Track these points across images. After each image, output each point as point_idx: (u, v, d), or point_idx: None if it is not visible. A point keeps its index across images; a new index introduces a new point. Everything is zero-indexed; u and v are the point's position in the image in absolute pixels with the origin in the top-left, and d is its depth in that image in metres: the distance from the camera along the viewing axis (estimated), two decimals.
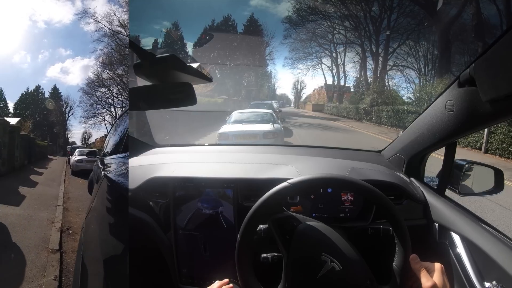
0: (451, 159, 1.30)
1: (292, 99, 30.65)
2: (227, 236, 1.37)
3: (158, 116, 12.29)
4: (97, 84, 28.74)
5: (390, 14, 21.30)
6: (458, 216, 1.18)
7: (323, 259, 0.93)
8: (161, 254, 1.44)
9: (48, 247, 4.49)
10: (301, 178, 1.01)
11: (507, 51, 0.79)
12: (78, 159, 14.47)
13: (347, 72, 25.58)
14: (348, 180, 1.03)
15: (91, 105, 29.58)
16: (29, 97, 32.04)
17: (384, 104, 19.15)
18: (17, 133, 13.36)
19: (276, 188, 1.00)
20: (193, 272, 1.45)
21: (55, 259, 4.10)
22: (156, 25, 28.36)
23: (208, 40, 23.34)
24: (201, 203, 1.42)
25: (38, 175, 12.50)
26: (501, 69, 0.81)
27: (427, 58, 20.80)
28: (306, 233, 0.99)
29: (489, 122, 1.00)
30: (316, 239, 0.98)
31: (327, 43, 24.97)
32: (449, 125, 1.12)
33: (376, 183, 1.09)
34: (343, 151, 1.97)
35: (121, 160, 1.97)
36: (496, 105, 0.90)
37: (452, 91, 1.07)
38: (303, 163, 1.57)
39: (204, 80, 0.89)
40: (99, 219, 1.67)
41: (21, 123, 20.14)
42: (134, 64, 0.80)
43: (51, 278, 3.56)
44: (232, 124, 9.75)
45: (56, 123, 31.94)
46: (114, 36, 26.04)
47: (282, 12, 25.96)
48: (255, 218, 0.99)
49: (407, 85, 21.69)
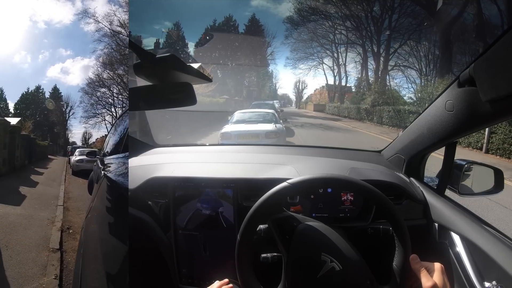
0: (451, 159, 1.30)
1: (293, 99, 30.68)
2: (227, 236, 1.37)
3: (160, 116, 12.32)
4: (98, 84, 28.77)
5: (391, 14, 21.30)
6: (458, 216, 1.18)
7: (323, 259, 0.93)
8: (161, 254, 1.44)
9: (48, 246, 4.51)
10: (300, 178, 1.01)
11: (507, 51, 0.78)
12: (78, 159, 14.49)
13: (349, 72, 25.64)
14: (348, 180, 1.03)
15: (91, 105, 29.62)
16: (30, 97, 32.08)
17: (385, 104, 19.16)
18: (17, 133, 13.35)
19: (275, 188, 1.00)
20: (193, 272, 1.45)
21: (55, 258, 4.12)
22: (157, 25, 28.45)
23: (210, 40, 23.37)
24: (201, 203, 1.42)
25: (39, 175, 12.51)
26: (501, 69, 0.81)
27: (428, 58, 20.81)
28: (305, 233, 0.99)
29: (489, 122, 1.00)
30: (316, 239, 0.97)
31: (328, 43, 25.04)
32: (449, 125, 1.12)
33: (376, 183, 1.09)
34: (343, 151, 1.97)
35: (121, 160, 1.97)
36: (496, 105, 0.89)
37: (452, 91, 1.07)
38: (303, 163, 1.56)
39: (204, 80, 0.88)
40: (99, 219, 1.67)
41: (22, 123, 20.15)
42: (134, 64, 0.80)
43: (52, 277, 3.57)
44: (235, 124, 9.79)
45: (56, 123, 31.94)
46: (114, 36, 26.09)
47: (283, 13, 25.98)
48: (255, 218, 0.99)
49: (408, 85, 21.74)
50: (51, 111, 31.33)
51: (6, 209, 6.23)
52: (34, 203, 7.15)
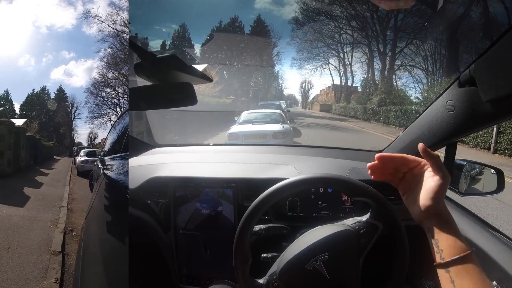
0: (451, 159, 1.30)
1: (299, 99, 30.60)
2: (227, 236, 1.37)
3: (167, 117, 12.36)
4: (103, 84, 28.87)
5: (397, 13, 21.15)
6: (458, 216, 1.18)
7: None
8: (161, 254, 1.45)
9: (50, 249, 4.50)
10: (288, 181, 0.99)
11: (507, 51, 0.78)
12: (83, 160, 14.68)
13: (355, 72, 25.49)
14: (335, 178, 1.01)
15: (96, 105, 29.72)
16: (35, 98, 32.33)
17: (392, 104, 19.03)
18: (22, 134, 13.39)
19: (262, 195, 0.99)
20: (193, 272, 1.45)
21: (57, 261, 4.10)
22: (163, 27, 28.50)
23: (216, 41, 23.42)
24: (201, 203, 1.42)
25: (43, 175, 12.59)
26: (502, 69, 0.81)
27: (435, 57, 20.63)
28: None
29: (490, 122, 1.00)
30: None
31: (334, 43, 24.95)
32: (449, 125, 1.12)
33: (376, 183, 1.09)
34: (344, 151, 1.96)
35: (121, 160, 1.97)
36: (496, 105, 0.89)
37: (452, 91, 1.06)
38: (304, 163, 1.56)
39: (204, 80, 0.89)
40: (99, 219, 1.68)
41: (27, 124, 20.31)
42: (135, 64, 0.80)
43: (52, 281, 3.55)
44: (242, 124, 9.79)
45: (62, 123, 32.08)
46: (118, 36, 26.24)
47: (288, 13, 25.95)
48: (247, 225, 1.00)
49: (414, 85, 21.56)
50: (57, 111, 31.49)
51: (10, 210, 6.24)
52: (38, 204, 7.15)
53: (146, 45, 21.83)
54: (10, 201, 6.82)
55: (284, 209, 1.35)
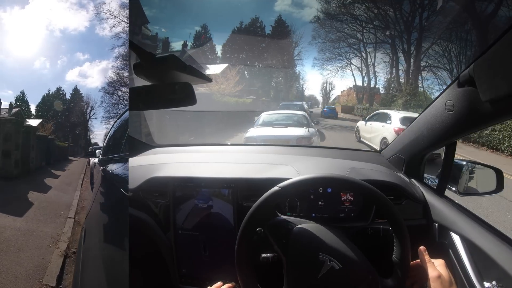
0: (451, 159, 1.30)
1: (320, 100, 30.24)
2: (226, 236, 1.38)
3: (182, 116, 12.17)
4: (118, 83, 27.80)
5: (421, 12, 20.60)
6: (458, 216, 1.18)
7: (321, 259, 0.94)
8: (161, 254, 1.46)
9: (41, 282, 3.42)
10: (291, 180, 1.02)
11: (507, 51, 0.78)
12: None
13: (377, 73, 24.96)
14: (340, 178, 1.03)
15: (112, 105, 28.37)
16: (51, 99, 32.32)
17: (418, 107, 18.46)
18: (32, 133, 12.37)
19: (267, 193, 1.01)
20: (193, 272, 1.46)
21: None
22: (186, 29, 28.79)
23: (237, 42, 23.50)
24: (201, 203, 1.43)
25: (54, 178, 11.58)
26: (501, 69, 0.81)
27: (460, 59, 19.92)
28: (301, 235, 1.00)
29: (489, 122, 1.00)
30: (312, 241, 0.98)
31: (357, 43, 24.44)
32: (448, 125, 1.12)
33: (376, 183, 1.10)
34: (343, 151, 1.96)
35: (121, 160, 1.96)
36: (495, 105, 0.89)
37: (451, 91, 1.07)
38: (303, 163, 1.56)
39: (204, 80, 0.90)
40: (99, 219, 1.68)
41: (43, 124, 20.12)
42: (134, 64, 0.81)
43: None
44: (261, 127, 8.72)
45: (77, 124, 31.79)
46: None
47: (308, 15, 25.72)
48: (250, 225, 1.00)
49: (439, 88, 20.87)
50: (72, 112, 31.59)
51: (5, 220, 5.25)
52: (40, 214, 6.08)
53: (167, 46, 22.04)
54: (9, 209, 5.84)
55: (283, 209, 1.35)
